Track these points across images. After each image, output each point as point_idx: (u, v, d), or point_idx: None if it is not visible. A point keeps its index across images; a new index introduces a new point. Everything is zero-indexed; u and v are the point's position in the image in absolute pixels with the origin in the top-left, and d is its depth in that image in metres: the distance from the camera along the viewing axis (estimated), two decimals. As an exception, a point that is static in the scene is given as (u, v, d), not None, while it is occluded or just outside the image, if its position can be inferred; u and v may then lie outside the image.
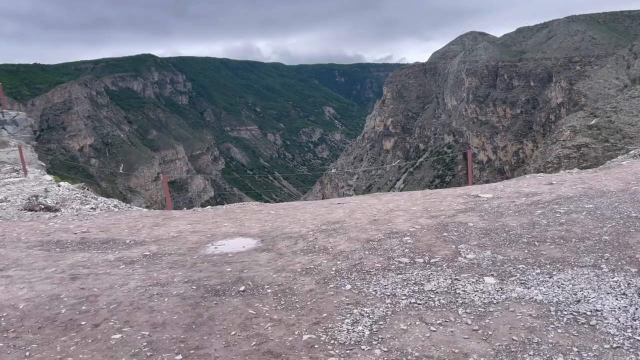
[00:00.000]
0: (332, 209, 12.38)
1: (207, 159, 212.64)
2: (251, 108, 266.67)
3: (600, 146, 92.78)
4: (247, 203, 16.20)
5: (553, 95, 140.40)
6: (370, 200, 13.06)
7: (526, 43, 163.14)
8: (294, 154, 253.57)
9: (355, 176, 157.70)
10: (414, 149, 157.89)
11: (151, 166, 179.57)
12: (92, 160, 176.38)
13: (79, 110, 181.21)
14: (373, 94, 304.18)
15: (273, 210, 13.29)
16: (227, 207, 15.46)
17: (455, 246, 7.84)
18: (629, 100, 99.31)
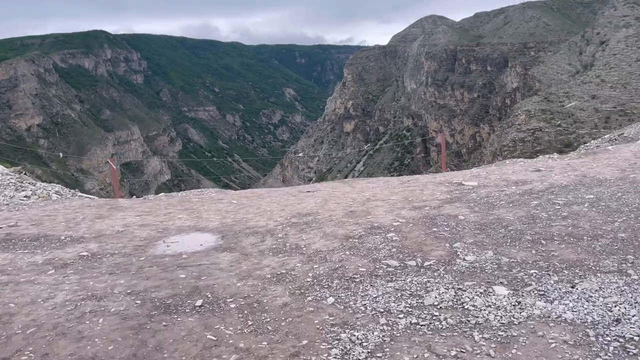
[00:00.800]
0: (301, 198, 11.10)
1: (164, 140, 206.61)
2: (209, 88, 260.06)
3: (553, 130, 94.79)
4: (206, 190, 14.72)
5: (509, 80, 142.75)
6: (343, 188, 11.83)
7: (483, 28, 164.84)
8: (253, 135, 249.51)
9: (316, 159, 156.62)
10: (374, 131, 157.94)
11: (104, 147, 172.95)
12: (40, 140, 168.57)
13: (25, 88, 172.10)
14: (334, 76, 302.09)
15: (235, 199, 11.88)
16: (182, 194, 13.93)
17: (450, 245, 6.72)
18: (581, 86, 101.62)
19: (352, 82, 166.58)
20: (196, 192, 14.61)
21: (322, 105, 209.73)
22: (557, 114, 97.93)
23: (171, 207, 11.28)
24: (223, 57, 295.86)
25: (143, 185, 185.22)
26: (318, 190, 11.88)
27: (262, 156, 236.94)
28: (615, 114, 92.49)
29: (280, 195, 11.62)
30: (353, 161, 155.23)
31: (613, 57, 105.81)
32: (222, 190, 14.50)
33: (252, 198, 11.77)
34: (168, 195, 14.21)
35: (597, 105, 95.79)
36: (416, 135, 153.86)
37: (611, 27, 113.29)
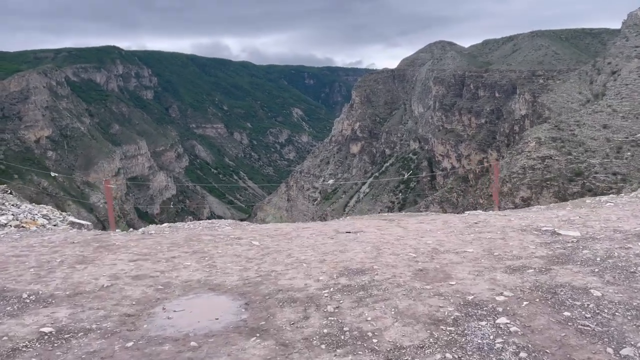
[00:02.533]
0: (342, 241, 8.60)
1: (171, 156, 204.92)
2: (218, 106, 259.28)
3: (563, 158, 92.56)
4: (218, 222, 12.24)
5: (517, 106, 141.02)
6: (392, 229, 9.34)
7: (492, 55, 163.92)
8: (260, 154, 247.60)
9: (321, 179, 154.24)
10: (380, 153, 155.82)
11: (112, 161, 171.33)
12: (49, 152, 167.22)
13: (36, 100, 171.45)
14: (341, 98, 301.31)
15: (256, 238, 9.39)
16: (190, 227, 11.44)
17: (614, 350, 4.17)
18: (592, 115, 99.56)
19: (359, 104, 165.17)
20: (206, 224, 12.14)
21: (329, 126, 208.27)
22: (567, 142, 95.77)
23: (176, 248, 8.78)
24: (233, 76, 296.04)
25: (148, 200, 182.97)
26: (361, 231, 9.39)
27: (267, 175, 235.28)
28: (627, 144, 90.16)
29: (314, 237, 9.13)
30: (359, 182, 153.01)
31: (625, 87, 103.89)
32: (238, 223, 12.01)
33: (277, 238, 9.27)
34: (172, 228, 11.73)
35: (608, 135, 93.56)
36: (422, 159, 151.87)
37: (623, 57, 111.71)
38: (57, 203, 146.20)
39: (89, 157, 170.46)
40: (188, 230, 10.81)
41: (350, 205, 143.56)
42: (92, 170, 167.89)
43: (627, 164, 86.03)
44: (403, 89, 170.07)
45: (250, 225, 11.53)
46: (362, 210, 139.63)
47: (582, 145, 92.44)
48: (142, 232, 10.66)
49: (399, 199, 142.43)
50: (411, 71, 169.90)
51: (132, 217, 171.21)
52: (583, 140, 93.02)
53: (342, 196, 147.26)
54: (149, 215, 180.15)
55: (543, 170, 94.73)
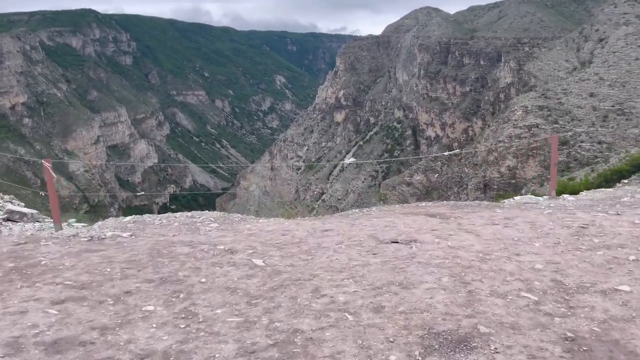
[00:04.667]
0: (392, 260, 5.62)
1: (152, 124, 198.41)
2: (199, 72, 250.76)
3: (550, 127, 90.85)
4: (201, 217, 9.03)
5: (502, 74, 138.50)
6: (459, 236, 6.38)
7: (477, 21, 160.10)
8: (242, 122, 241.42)
9: (305, 147, 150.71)
10: (365, 122, 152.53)
11: (91, 128, 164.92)
12: (25, 119, 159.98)
13: (10, 65, 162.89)
14: (325, 65, 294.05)
15: (258, 251, 6.31)
16: (161, 226, 8.20)
17: None
18: (579, 83, 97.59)
19: (344, 72, 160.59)
20: (185, 218, 8.93)
21: (313, 93, 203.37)
22: (554, 110, 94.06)
23: (134, 273, 5.64)
24: (214, 42, 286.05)
25: (129, 169, 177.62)
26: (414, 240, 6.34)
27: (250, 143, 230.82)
28: (613, 113, 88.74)
29: (346, 249, 6.09)
30: (343, 151, 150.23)
31: (612, 55, 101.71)
32: (228, 219, 8.85)
33: (289, 250, 6.22)
34: (138, 224, 8.50)
35: (595, 103, 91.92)
36: (407, 128, 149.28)
37: (611, 24, 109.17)
38: (35, 171, 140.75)
39: (66, 124, 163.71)
40: (157, 235, 7.63)
41: (334, 174, 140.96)
42: (71, 138, 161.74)
43: (613, 132, 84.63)
44: (388, 56, 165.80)
45: (246, 223, 8.36)
46: (346, 178, 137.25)
47: (568, 113, 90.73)
48: (89, 238, 7.41)
49: (383, 168, 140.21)
50: (396, 38, 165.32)
51: (114, 186, 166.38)
52: (569, 109, 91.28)
53: (325, 165, 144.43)
54: (130, 183, 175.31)
55: (529, 139, 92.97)
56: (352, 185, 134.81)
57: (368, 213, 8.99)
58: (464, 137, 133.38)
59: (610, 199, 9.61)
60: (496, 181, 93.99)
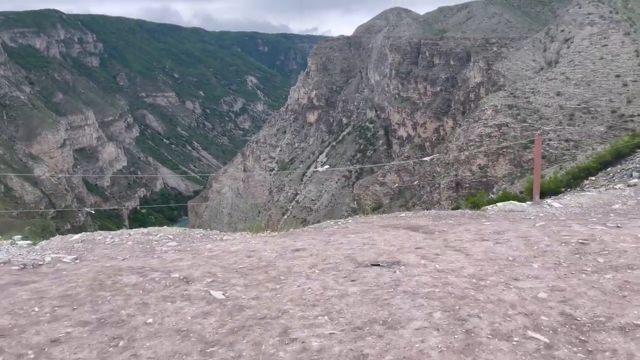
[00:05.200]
0: (373, 289, 4.83)
1: (120, 126, 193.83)
2: (168, 74, 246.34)
3: (519, 126, 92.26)
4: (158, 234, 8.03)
5: (472, 74, 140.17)
6: (447, 257, 5.59)
7: (447, 22, 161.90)
8: (214, 123, 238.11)
9: (278, 148, 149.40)
10: (337, 122, 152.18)
11: (56, 132, 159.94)
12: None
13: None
14: (297, 66, 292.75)
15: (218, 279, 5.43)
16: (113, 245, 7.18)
17: None
18: (546, 82, 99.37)
19: (315, 72, 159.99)
20: (140, 236, 7.93)
21: (285, 94, 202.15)
22: (523, 109, 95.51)
23: (67, 312, 4.71)
24: (184, 43, 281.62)
25: (98, 172, 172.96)
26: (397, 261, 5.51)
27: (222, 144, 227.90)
28: (579, 112, 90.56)
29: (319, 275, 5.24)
30: (316, 152, 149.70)
31: (577, 55, 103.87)
32: (188, 235, 7.86)
33: (255, 277, 5.39)
34: (86, 244, 7.45)
35: (561, 102, 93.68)
36: (379, 128, 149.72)
37: (576, 24, 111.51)
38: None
39: (30, 127, 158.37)
40: (105, 258, 6.64)
41: (308, 175, 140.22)
42: (35, 142, 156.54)
43: (580, 130, 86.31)
44: (359, 57, 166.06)
45: (207, 242, 7.39)
46: (319, 179, 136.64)
47: (536, 112, 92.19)
48: (21, 266, 6.35)
49: (356, 169, 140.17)
50: (367, 38, 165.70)
51: (81, 191, 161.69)
52: (537, 108, 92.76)
53: (299, 166, 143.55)
54: (98, 187, 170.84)
55: (499, 138, 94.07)
56: (325, 186, 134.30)
57: (344, 226, 8.16)
58: (436, 137, 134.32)
59: (600, 206, 9.03)
60: (468, 180, 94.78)
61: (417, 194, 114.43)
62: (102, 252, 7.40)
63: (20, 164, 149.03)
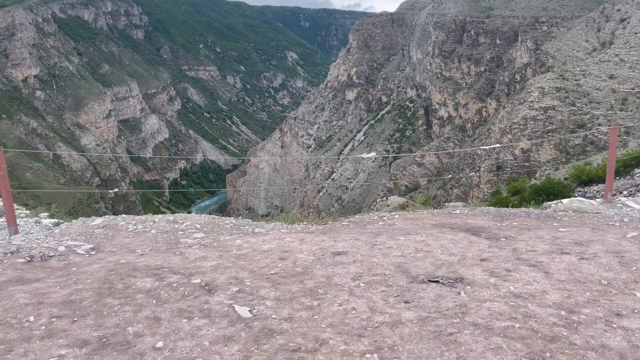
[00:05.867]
0: (435, 318, 3.71)
1: (163, 99, 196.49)
2: (210, 48, 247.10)
3: (566, 109, 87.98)
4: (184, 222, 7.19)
5: (518, 54, 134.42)
6: (524, 275, 4.40)
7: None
8: (253, 98, 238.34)
9: (315, 125, 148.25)
10: (377, 101, 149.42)
11: (102, 102, 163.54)
12: (37, 92, 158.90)
13: (22, 37, 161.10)
14: (338, 42, 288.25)
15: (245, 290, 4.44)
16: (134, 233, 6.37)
17: None
18: (598, 64, 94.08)
19: (356, 49, 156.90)
20: (165, 223, 7.11)
21: (325, 71, 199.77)
22: (572, 92, 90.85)
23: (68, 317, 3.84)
24: (226, 17, 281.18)
25: (140, 143, 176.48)
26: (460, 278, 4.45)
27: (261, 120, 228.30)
28: (632, 96, 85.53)
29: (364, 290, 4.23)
30: (354, 130, 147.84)
31: (634, 36, 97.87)
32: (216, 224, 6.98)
33: (288, 289, 4.51)
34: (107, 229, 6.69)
35: (614, 85, 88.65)
36: (419, 107, 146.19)
37: (633, 4, 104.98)
38: (47, 145, 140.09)
39: (78, 97, 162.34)
40: (122, 251, 5.84)
41: (345, 153, 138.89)
42: (83, 112, 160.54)
43: (632, 116, 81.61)
44: (402, 34, 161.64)
45: (236, 236, 6.47)
46: (356, 158, 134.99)
47: (586, 95, 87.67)
48: (28, 259, 5.60)
49: (394, 148, 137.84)
50: (411, 15, 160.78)
51: (124, 161, 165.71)
52: (588, 91, 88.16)
53: (336, 144, 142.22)
54: (141, 158, 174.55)
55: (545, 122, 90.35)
56: (362, 165, 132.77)
57: (390, 223, 7.11)
58: (478, 118, 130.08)
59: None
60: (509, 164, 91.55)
61: (455, 176, 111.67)
62: (122, 241, 6.64)
63: (68, 133, 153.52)
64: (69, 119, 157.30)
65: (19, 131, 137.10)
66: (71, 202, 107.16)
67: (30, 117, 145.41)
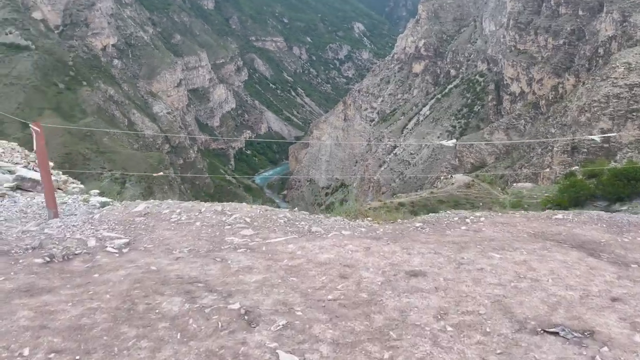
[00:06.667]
0: None
1: (230, 69, 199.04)
2: (278, 18, 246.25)
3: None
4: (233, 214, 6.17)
5: (603, 27, 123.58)
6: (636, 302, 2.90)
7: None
8: (318, 70, 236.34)
9: (380, 99, 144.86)
10: (445, 74, 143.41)
11: (174, 72, 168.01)
12: (114, 61, 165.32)
13: (101, 7, 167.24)
14: (406, 13, 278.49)
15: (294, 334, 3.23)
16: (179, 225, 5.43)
17: None
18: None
19: (426, 20, 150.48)
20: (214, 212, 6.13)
21: (392, 42, 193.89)
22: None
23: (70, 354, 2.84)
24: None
25: (208, 113, 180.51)
26: (585, 327, 3.02)
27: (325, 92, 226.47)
28: None
29: (451, 336, 2.89)
30: (419, 104, 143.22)
31: None
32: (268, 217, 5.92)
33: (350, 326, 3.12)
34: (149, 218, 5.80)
35: None
36: (489, 82, 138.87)
37: None
38: (123, 111, 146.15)
39: (152, 66, 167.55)
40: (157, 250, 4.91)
41: (409, 128, 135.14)
42: (155, 80, 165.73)
43: None
44: (474, 5, 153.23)
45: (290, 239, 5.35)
46: (420, 133, 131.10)
47: (679, 73, 79.58)
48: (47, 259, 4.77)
49: (461, 124, 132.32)
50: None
51: (193, 129, 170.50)
52: (682, 68, 79.97)
53: (400, 118, 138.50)
54: (209, 126, 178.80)
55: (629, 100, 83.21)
56: (426, 140, 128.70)
57: (476, 228, 5.74)
58: (553, 95, 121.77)
59: None
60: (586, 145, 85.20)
61: (525, 155, 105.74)
62: (161, 234, 5.75)
63: (141, 101, 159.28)
64: (143, 87, 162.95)
65: (97, 98, 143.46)
66: (143, 166, 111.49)
67: (107, 85, 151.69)
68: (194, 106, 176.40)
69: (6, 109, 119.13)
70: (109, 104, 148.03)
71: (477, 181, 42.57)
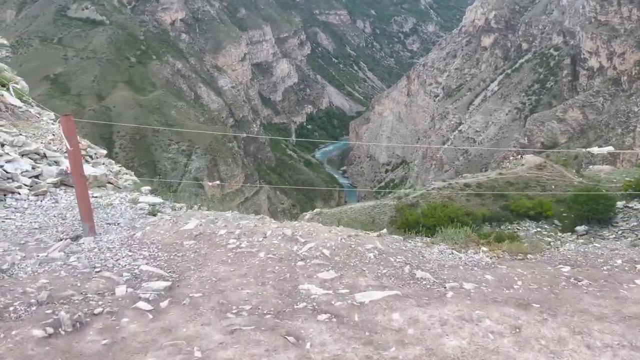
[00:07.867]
0: None
1: (294, 43, 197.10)
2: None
3: None
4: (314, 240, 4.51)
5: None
6: None
7: None
8: (382, 44, 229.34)
9: (445, 73, 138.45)
10: (516, 48, 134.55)
11: (238, 46, 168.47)
12: (182, 35, 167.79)
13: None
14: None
15: None
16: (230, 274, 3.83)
17: None
18: None
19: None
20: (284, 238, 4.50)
21: (460, 15, 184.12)
22: None
23: None
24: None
25: (271, 87, 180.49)
26: None
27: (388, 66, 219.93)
28: None
29: None
30: (487, 79, 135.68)
31: None
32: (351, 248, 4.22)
33: None
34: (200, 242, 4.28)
35: None
36: (565, 56, 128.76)
37: None
38: (190, 85, 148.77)
39: (217, 41, 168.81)
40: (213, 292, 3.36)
41: (475, 104, 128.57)
42: (220, 55, 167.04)
43: None
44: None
45: (388, 298, 3.61)
46: (488, 110, 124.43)
47: None
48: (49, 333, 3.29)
49: (531, 101, 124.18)
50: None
51: (256, 103, 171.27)
52: None
53: (466, 93, 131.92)
54: (271, 101, 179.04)
55: None
56: (493, 117, 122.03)
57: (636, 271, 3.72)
58: (637, 70, 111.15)
59: None
60: (676, 125, 77.02)
61: (603, 135, 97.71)
62: (214, 272, 4.23)
63: (207, 75, 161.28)
64: (209, 61, 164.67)
65: (166, 71, 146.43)
66: (208, 140, 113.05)
67: (175, 59, 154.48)
68: (257, 80, 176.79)
69: (83, 82, 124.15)
70: (177, 78, 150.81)
71: (549, 162, 38.71)
